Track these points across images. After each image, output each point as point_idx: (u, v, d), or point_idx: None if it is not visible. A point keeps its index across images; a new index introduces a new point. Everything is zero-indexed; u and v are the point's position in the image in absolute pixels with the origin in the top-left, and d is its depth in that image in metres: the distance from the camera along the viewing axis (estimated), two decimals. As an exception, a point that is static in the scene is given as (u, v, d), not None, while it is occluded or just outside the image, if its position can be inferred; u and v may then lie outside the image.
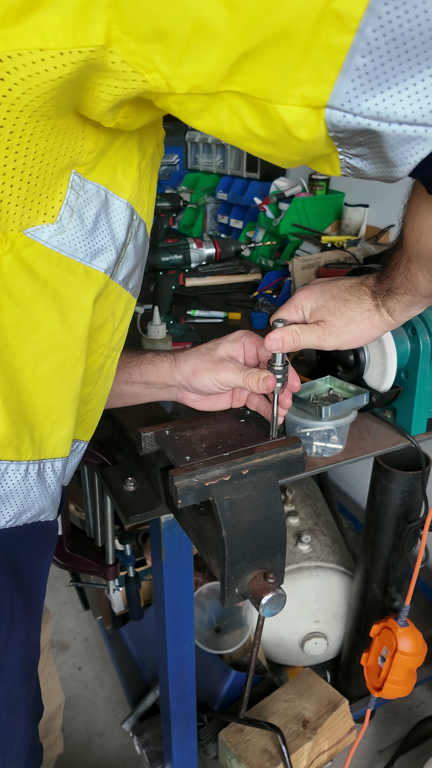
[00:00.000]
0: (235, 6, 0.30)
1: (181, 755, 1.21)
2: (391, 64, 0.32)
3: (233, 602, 0.65)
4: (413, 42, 0.31)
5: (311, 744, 1.25)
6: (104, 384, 0.59)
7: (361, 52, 0.31)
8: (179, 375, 0.72)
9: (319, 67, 0.32)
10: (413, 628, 1.17)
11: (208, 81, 0.34)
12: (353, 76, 0.32)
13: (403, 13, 0.29)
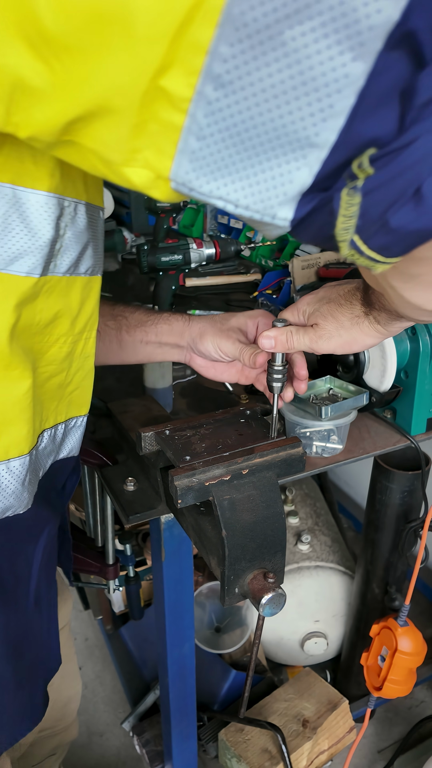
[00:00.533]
0: (56, 71, 0.28)
1: (181, 755, 1.21)
2: (227, 152, 0.29)
3: (233, 602, 0.65)
4: (248, 134, 0.28)
5: (311, 743, 1.25)
6: (82, 365, 0.59)
7: (195, 135, 0.29)
8: (189, 335, 0.74)
9: (156, 139, 0.30)
10: (413, 628, 1.17)
11: (44, 133, 0.31)
12: (190, 157, 0.30)
13: (234, 102, 0.27)
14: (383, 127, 0.27)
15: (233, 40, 0.25)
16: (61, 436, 0.61)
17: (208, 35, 0.25)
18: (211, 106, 0.27)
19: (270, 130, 0.28)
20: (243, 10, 0.24)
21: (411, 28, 0.25)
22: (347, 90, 0.26)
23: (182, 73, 0.26)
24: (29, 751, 1.00)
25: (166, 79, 0.27)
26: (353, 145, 0.28)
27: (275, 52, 0.25)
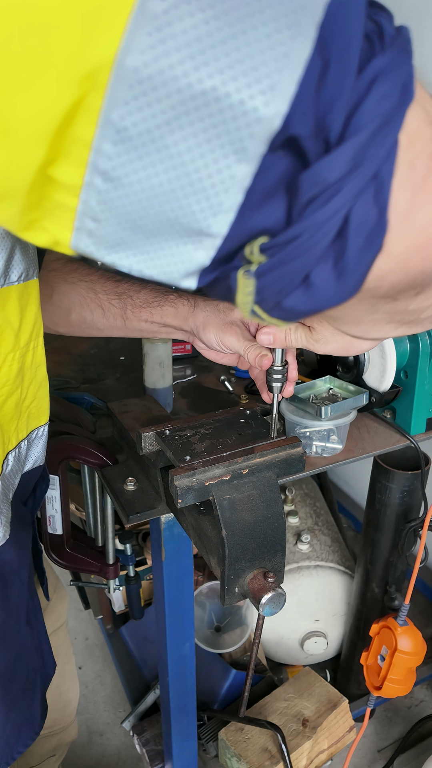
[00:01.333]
0: None
1: (182, 754, 1.21)
2: (125, 233, 0.29)
3: (233, 601, 0.65)
4: (142, 221, 0.28)
5: (311, 743, 1.25)
6: (35, 375, 0.58)
7: (90, 217, 0.29)
8: (193, 323, 0.73)
9: (53, 214, 0.29)
10: (413, 627, 1.17)
11: None
12: (88, 234, 0.29)
13: (124, 195, 0.27)
14: (272, 219, 0.28)
15: (115, 140, 0.25)
16: (25, 452, 0.61)
17: (90, 133, 0.25)
18: (102, 196, 0.27)
19: (164, 220, 0.28)
20: (121, 115, 0.24)
21: (293, 134, 0.25)
22: (234, 189, 0.26)
23: (70, 164, 0.26)
24: (28, 751, 1.00)
25: (55, 169, 0.27)
26: (245, 235, 0.28)
27: (159, 154, 0.25)
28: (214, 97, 0.24)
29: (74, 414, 1.02)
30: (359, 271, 0.30)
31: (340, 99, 0.25)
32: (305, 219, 0.27)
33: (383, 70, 0.26)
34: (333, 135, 0.26)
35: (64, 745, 1.11)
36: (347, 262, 0.29)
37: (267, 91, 0.24)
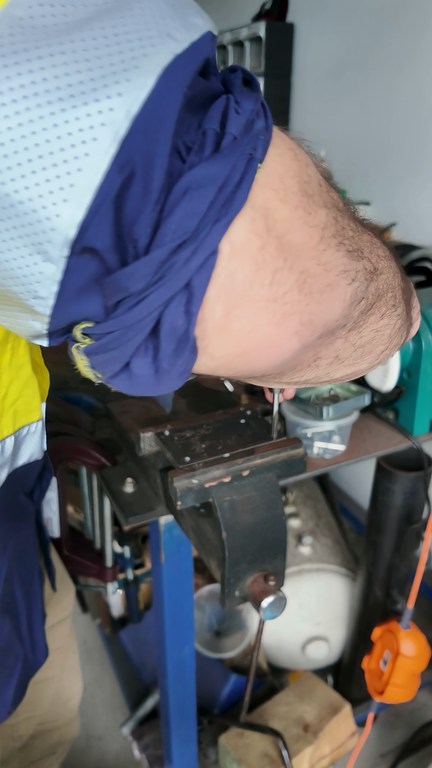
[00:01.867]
0: None
1: (181, 759, 1.20)
2: None
3: (233, 605, 0.64)
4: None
5: (312, 748, 1.24)
6: (16, 375, 0.58)
7: None
8: None
9: None
10: (416, 631, 1.16)
11: None
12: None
13: None
14: (90, 311, 0.29)
15: None
16: (11, 448, 0.61)
17: None
18: None
19: (5, 291, 0.29)
20: None
21: (89, 245, 0.26)
22: (47, 282, 0.27)
23: None
24: (29, 743, 1.00)
25: None
26: (68, 319, 0.30)
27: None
28: (16, 199, 0.25)
29: (72, 414, 1.01)
30: (175, 370, 0.30)
31: (144, 212, 0.25)
32: (116, 318, 0.28)
33: (195, 183, 0.25)
34: (140, 245, 0.26)
35: (66, 743, 1.10)
36: (161, 362, 0.30)
37: (60, 202, 0.25)
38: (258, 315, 0.28)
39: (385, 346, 0.40)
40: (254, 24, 1.80)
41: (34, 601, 0.72)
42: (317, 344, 0.33)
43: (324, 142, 1.78)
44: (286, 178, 0.27)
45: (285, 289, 0.28)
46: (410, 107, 1.47)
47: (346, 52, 1.66)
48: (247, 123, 0.27)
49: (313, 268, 0.28)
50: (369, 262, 0.33)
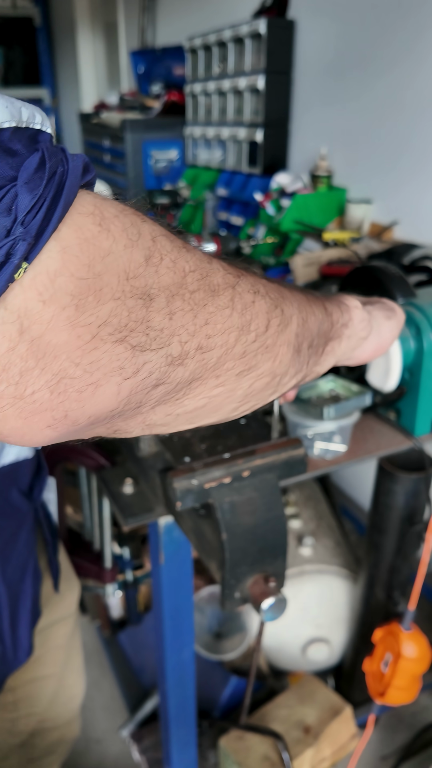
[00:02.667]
0: None
1: (181, 762, 1.19)
2: None
3: (233, 607, 0.63)
4: None
5: (313, 750, 1.23)
6: None
7: None
8: None
9: None
10: (417, 633, 1.15)
11: None
12: None
13: None
14: None
15: None
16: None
17: None
18: None
19: None
20: None
21: None
22: None
23: None
24: (29, 741, 0.99)
25: None
26: None
27: None
28: None
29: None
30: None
31: None
32: None
33: None
34: None
35: (66, 743, 1.10)
36: None
37: None
38: (5, 409, 0.28)
39: (236, 404, 0.40)
40: (255, 20, 1.79)
41: (21, 600, 0.72)
42: (104, 423, 0.32)
43: (325, 140, 1.77)
44: (60, 276, 0.26)
45: (34, 388, 0.27)
46: (412, 104, 1.46)
47: (347, 49, 1.65)
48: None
49: (70, 369, 0.28)
50: (180, 346, 0.32)
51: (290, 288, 0.44)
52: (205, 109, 2.19)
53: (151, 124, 2.32)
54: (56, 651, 0.99)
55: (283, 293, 0.41)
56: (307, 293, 0.47)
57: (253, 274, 0.40)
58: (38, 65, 4.76)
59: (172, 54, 2.58)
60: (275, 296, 0.39)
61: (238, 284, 0.36)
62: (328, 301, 0.50)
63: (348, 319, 0.51)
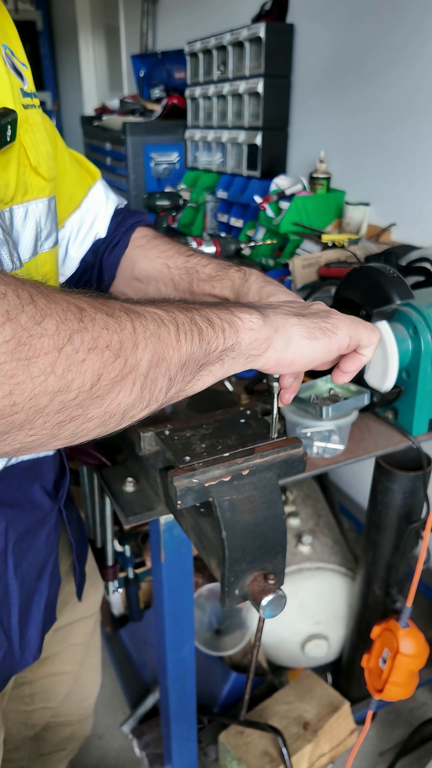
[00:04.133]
0: None
1: (181, 757, 1.21)
2: None
3: (233, 604, 0.64)
4: None
5: (312, 746, 1.24)
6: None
7: None
8: (240, 290, 0.73)
9: None
10: (415, 630, 1.16)
11: None
12: None
13: None
14: None
15: None
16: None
17: None
18: None
19: None
20: None
21: None
22: None
23: None
24: (41, 734, 1.00)
25: None
26: None
27: None
28: None
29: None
30: None
31: None
32: None
33: None
34: None
35: (77, 740, 1.11)
36: None
37: None
38: None
39: (65, 441, 0.40)
40: (254, 25, 1.81)
41: (36, 599, 0.72)
42: None
43: (324, 143, 1.78)
44: None
45: None
46: (410, 108, 1.47)
47: (345, 53, 1.66)
48: None
49: None
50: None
51: (160, 320, 0.43)
52: (205, 113, 2.20)
53: (152, 128, 2.33)
54: (75, 649, 0.99)
55: (136, 337, 0.40)
56: (193, 316, 0.46)
57: (111, 312, 0.39)
58: (40, 69, 4.76)
59: (172, 58, 2.60)
60: (121, 345, 0.39)
61: (71, 342, 0.35)
62: (214, 323, 0.47)
63: (234, 342, 0.49)
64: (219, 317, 0.48)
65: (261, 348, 0.51)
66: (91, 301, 0.39)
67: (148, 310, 0.43)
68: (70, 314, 0.36)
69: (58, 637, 0.94)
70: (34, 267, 0.62)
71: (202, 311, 0.48)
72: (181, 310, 0.46)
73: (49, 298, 0.35)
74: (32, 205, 0.60)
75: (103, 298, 0.41)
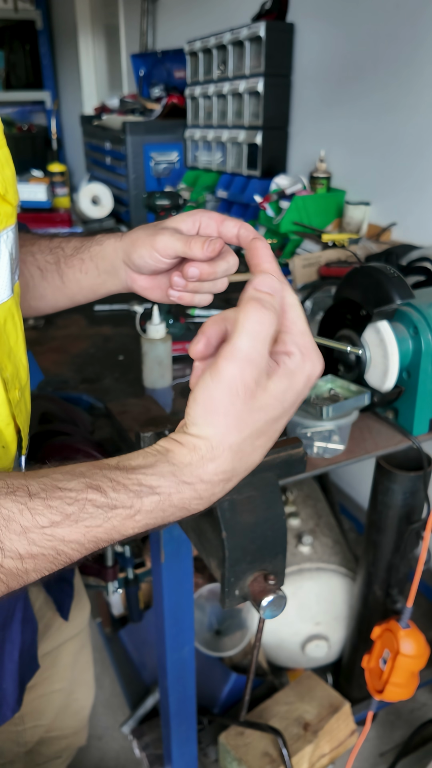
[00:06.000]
0: None
1: (181, 758, 1.20)
2: None
3: (233, 604, 0.64)
4: None
5: (312, 747, 1.24)
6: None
7: None
8: (121, 249, 0.65)
9: None
10: (415, 630, 1.16)
11: None
12: None
13: None
14: None
15: None
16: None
17: None
18: None
19: None
20: None
21: None
22: None
23: None
24: (35, 748, 0.99)
25: None
26: None
27: None
28: None
29: (72, 414, 1.01)
30: None
31: None
32: None
33: None
34: None
35: (73, 749, 1.11)
36: None
37: None
38: None
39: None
40: (254, 24, 1.80)
41: (7, 649, 0.68)
42: None
43: (324, 142, 1.78)
44: None
45: None
46: (410, 106, 1.47)
47: (346, 52, 1.66)
48: None
49: None
50: None
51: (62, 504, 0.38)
52: (205, 112, 2.20)
53: (152, 127, 2.33)
54: (65, 668, 0.98)
55: (27, 531, 0.36)
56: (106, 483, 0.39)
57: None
58: (40, 68, 4.76)
59: (172, 57, 2.60)
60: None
61: None
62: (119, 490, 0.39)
63: (135, 511, 0.40)
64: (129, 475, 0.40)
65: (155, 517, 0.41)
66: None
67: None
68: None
69: (46, 663, 0.91)
70: (15, 303, 0.56)
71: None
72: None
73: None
74: (4, 235, 0.51)
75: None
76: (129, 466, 0.40)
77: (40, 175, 2.86)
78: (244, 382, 0.39)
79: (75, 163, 4.28)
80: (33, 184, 2.41)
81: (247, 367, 0.39)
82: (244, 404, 0.40)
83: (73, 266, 0.68)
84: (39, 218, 2.30)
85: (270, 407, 0.41)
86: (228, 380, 0.39)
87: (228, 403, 0.39)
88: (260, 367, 0.40)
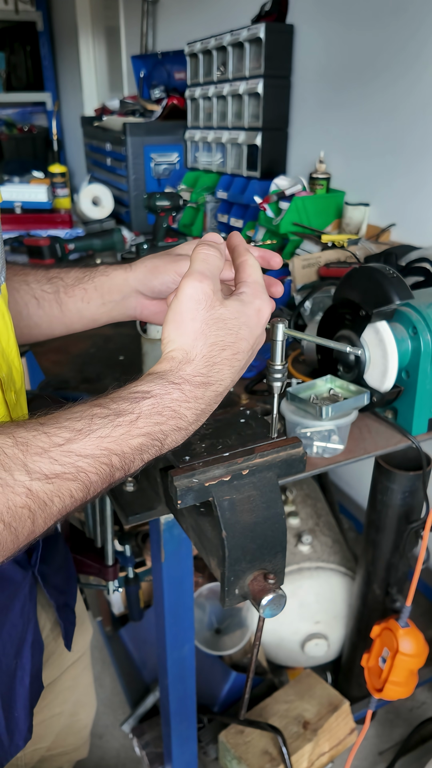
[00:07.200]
0: None
1: (182, 757, 1.21)
2: None
3: (233, 603, 0.64)
4: None
5: (312, 745, 1.24)
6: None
7: None
8: (134, 279, 0.67)
9: None
10: (414, 629, 1.16)
11: None
12: None
13: None
14: None
15: None
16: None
17: None
18: None
19: None
20: None
21: None
22: None
23: None
24: (37, 766, 0.99)
25: None
26: None
27: None
28: None
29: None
30: None
31: None
32: None
33: None
34: None
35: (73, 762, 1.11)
36: None
37: None
38: None
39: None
40: (254, 25, 1.81)
41: (18, 676, 0.67)
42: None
43: (323, 144, 1.78)
44: None
45: None
46: (410, 108, 1.47)
47: (346, 53, 1.66)
48: None
49: None
50: None
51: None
52: (205, 113, 2.20)
53: (152, 128, 2.33)
54: (66, 691, 0.96)
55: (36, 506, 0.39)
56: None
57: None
58: (41, 69, 4.76)
59: (172, 58, 2.60)
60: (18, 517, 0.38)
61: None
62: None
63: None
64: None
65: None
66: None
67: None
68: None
69: (47, 690, 0.89)
70: (3, 302, 0.57)
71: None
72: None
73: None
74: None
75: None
76: (122, 388, 0.47)
77: (40, 176, 2.86)
78: (203, 291, 0.47)
79: (75, 164, 4.28)
80: (34, 185, 2.41)
81: (204, 280, 0.47)
82: (206, 311, 0.47)
83: (75, 296, 0.69)
84: (40, 219, 2.30)
85: (228, 320, 0.48)
86: (189, 292, 0.47)
87: (193, 309, 0.47)
88: (214, 279, 0.48)
